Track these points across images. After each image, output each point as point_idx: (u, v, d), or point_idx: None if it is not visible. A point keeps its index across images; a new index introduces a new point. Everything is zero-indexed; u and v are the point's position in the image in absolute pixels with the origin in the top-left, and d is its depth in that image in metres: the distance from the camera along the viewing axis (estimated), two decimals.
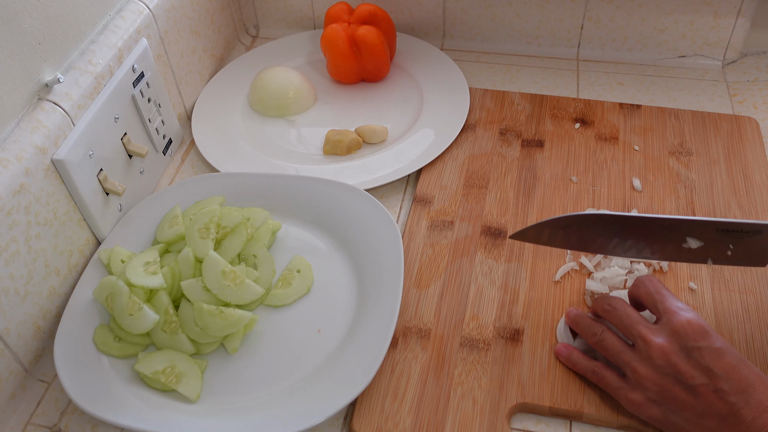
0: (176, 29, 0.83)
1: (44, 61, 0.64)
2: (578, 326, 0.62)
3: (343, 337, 0.64)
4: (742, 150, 0.80)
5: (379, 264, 0.67)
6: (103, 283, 0.65)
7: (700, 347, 0.52)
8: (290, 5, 0.99)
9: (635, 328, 0.56)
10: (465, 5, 0.94)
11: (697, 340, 0.53)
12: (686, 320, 0.54)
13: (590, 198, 0.75)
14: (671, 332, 0.54)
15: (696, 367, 0.52)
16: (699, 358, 0.52)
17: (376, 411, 0.59)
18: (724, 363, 0.51)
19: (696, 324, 0.53)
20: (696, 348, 0.52)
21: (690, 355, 0.52)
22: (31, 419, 0.61)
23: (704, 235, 0.60)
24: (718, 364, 0.51)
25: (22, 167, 0.59)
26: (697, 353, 0.52)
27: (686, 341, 0.53)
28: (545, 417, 0.60)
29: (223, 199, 0.73)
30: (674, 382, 0.52)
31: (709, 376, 0.51)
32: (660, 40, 0.92)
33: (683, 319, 0.54)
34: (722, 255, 0.62)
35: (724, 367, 0.51)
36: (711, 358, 0.52)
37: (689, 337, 0.53)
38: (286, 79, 0.88)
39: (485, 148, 0.81)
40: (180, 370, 0.61)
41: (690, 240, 0.61)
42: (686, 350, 0.53)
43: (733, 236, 0.60)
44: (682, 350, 0.53)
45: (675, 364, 0.52)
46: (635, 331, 0.55)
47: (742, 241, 0.60)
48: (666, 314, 0.55)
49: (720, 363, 0.51)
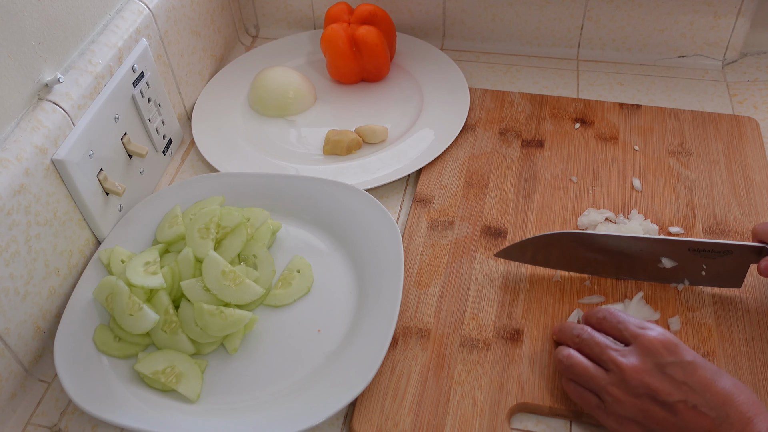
0: (176, 29, 0.83)
1: (44, 61, 0.64)
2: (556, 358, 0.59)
3: (343, 337, 0.64)
4: (742, 150, 0.80)
5: (379, 264, 0.67)
6: (103, 283, 0.65)
7: (672, 362, 0.52)
8: (290, 5, 0.99)
9: (605, 353, 0.55)
10: (465, 5, 0.94)
11: (667, 355, 0.52)
12: (653, 337, 0.53)
13: (590, 198, 0.75)
14: (641, 351, 0.53)
15: (671, 383, 0.51)
16: (673, 374, 0.51)
17: (376, 411, 0.59)
18: (698, 377, 0.51)
19: (664, 339, 0.53)
20: (668, 364, 0.52)
21: (663, 371, 0.52)
22: (31, 419, 0.62)
23: (678, 255, 0.61)
24: (692, 378, 0.51)
25: (22, 167, 0.59)
26: (671, 369, 0.52)
27: (657, 358, 0.52)
28: (545, 417, 0.60)
29: (223, 199, 0.73)
30: (651, 401, 0.52)
31: (685, 392, 0.51)
32: (660, 40, 0.92)
33: (651, 336, 0.53)
34: (697, 275, 0.62)
35: (699, 381, 0.51)
36: (684, 372, 0.51)
37: (659, 353, 0.52)
38: (286, 79, 0.88)
39: (485, 148, 0.81)
40: (180, 370, 0.61)
41: (664, 260, 0.61)
42: (659, 367, 0.52)
43: (705, 256, 0.61)
44: (654, 368, 0.52)
45: (649, 384, 0.52)
46: (606, 357, 0.54)
47: (714, 261, 0.61)
48: (634, 338, 0.54)
49: (694, 377, 0.51)
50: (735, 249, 0.60)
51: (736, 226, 0.72)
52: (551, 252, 0.64)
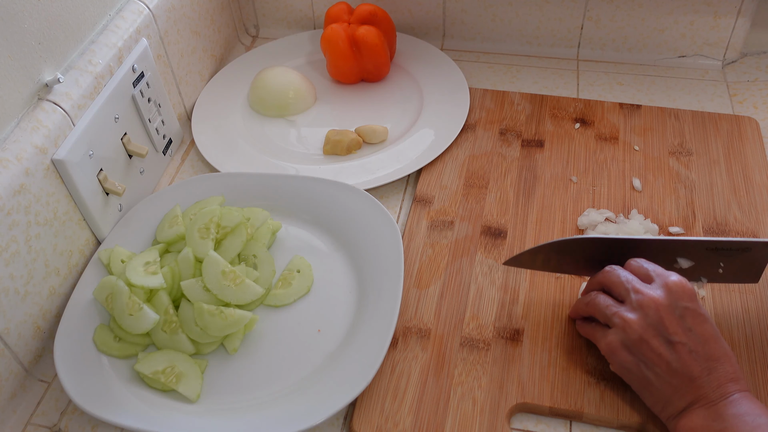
0: (176, 29, 0.83)
1: (44, 61, 0.64)
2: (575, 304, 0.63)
3: (343, 337, 0.64)
4: (742, 150, 0.80)
5: (379, 264, 0.67)
6: (103, 283, 0.65)
7: (687, 307, 0.55)
8: (290, 5, 0.99)
9: (631, 283, 0.57)
10: (465, 5, 0.94)
11: (687, 300, 0.55)
12: (678, 281, 0.56)
13: (590, 198, 0.75)
14: (666, 289, 0.55)
15: (680, 325, 0.54)
16: (685, 318, 0.54)
17: (376, 411, 0.59)
18: (704, 329, 0.54)
19: (687, 286, 0.56)
20: (685, 308, 0.55)
21: (677, 313, 0.54)
22: (31, 419, 0.62)
23: (694, 254, 0.61)
24: (699, 328, 0.54)
25: (22, 167, 0.59)
26: (685, 313, 0.54)
27: (678, 300, 0.55)
28: (545, 417, 0.60)
29: (223, 199, 0.73)
30: (655, 334, 0.54)
31: (688, 337, 0.54)
32: (660, 40, 0.92)
33: (677, 279, 0.56)
34: (714, 273, 0.62)
35: (703, 333, 0.54)
36: (694, 321, 0.54)
37: (680, 296, 0.55)
38: (286, 79, 0.88)
39: (485, 148, 0.81)
40: (180, 370, 0.61)
41: (681, 260, 0.61)
42: (675, 308, 0.55)
43: (722, 254, 0.61)
44: (671, 306, 0.55)
45: (662, 318, 0.54)
46: (630, 286, 0.57)
47: (733, 259, 0.61)
48: (659, 276, 0.57)
49: (701, 328, 0.54)
50: (754, 246, 0.60)
51: (736, 226, 0.72)
52: (564, 258, 0.64)
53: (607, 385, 0.60)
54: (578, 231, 0.72)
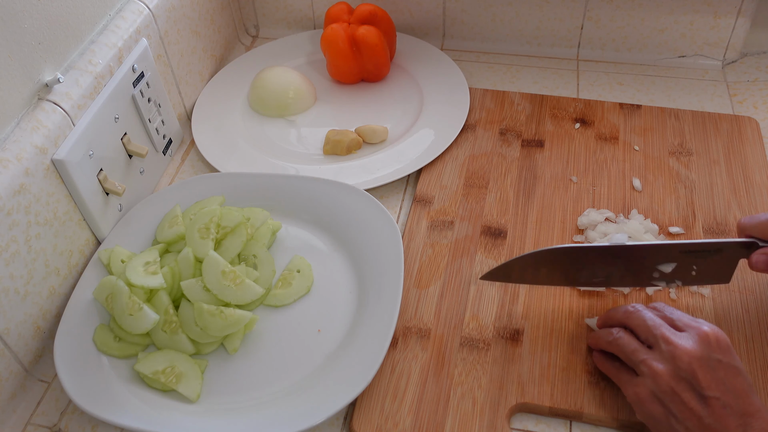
0: (176, 29, 0.83)
1: (44, 61, 0.64)
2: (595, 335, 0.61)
3: (343, 337, 0.64)
4: (742, 150, 0.80)
5: (379, 264, 0.67)
6: (103, 283, 0.65)
7: (720, 360, 0.52)
8: (290, 5, 0.99)
9: (659, 329, 0.55)
10: (465, 5, 0.94)
11: (719, 352, 0.53)
12: (710, 331, 0.54)
13: (590, 198, 0.75)
14: (699, 339, 0.53)
15: (713, 378, 0.52)
16: (718, 371, 0.52)
17: (376, 411, 0.59)
18: (738, 383, 0.52)
19: (721, 336, 0.54)
20: (717, 360, 0.52)
21: (711, 365, 0.52)
22: (31, 419, 0.62)
23: (670, 257, 0.60)
24: (732, 381, 0.52)
25: (22, 167, 0.59)
26: (718, 365, 0.52)
27: (711, 351, 0.53)
28: (545, 417, 0.60)
29: (223, 199, 0.73)
30: (688, 388, 0.52)
31: (722, 391, 0.51)
32: (660, 40, 0.92)
33: (708, 329, 0.54)
34: (688, 276, 0.62)
35: (737, 387, 0.52)
36: (727, 373, 0.52)
37: (714, 348, 0.53)
38: (286, 79, 0.88)
39: (485, 148, 0.81)
40: (180, 370, 0.61)
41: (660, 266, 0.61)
42: (709, 359, 0.52)
43: (696, 256, 0.60)
44: (704, 358, 0.52)
45: (696, 371, 0.52)
46: (659, 332, 0.55)
47: (705, 260, 0.61)
48: (689, 327, 0.55)
49: (734, 381, 0.52)
50: (725, 246, 0.60)
51: (736, 226, 0.72)
52: (539, 270, 0.63)
53: (607, 385, 0.60)
54: (578, 231, 0.72)
